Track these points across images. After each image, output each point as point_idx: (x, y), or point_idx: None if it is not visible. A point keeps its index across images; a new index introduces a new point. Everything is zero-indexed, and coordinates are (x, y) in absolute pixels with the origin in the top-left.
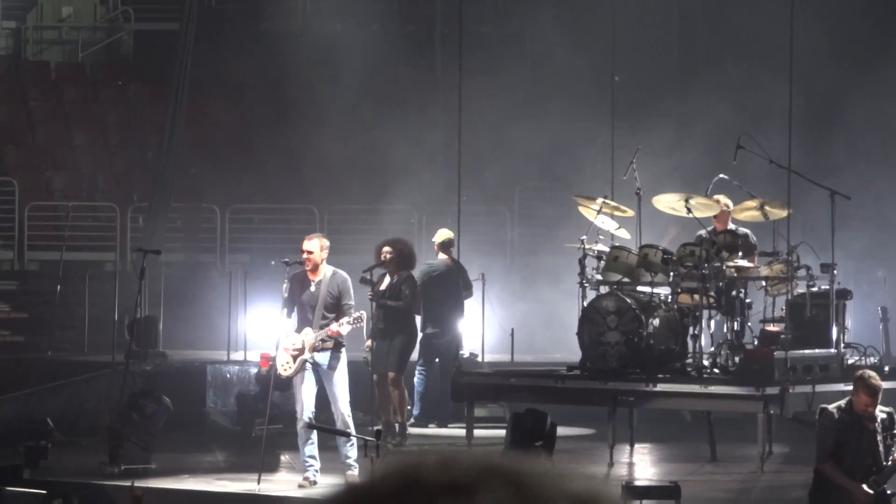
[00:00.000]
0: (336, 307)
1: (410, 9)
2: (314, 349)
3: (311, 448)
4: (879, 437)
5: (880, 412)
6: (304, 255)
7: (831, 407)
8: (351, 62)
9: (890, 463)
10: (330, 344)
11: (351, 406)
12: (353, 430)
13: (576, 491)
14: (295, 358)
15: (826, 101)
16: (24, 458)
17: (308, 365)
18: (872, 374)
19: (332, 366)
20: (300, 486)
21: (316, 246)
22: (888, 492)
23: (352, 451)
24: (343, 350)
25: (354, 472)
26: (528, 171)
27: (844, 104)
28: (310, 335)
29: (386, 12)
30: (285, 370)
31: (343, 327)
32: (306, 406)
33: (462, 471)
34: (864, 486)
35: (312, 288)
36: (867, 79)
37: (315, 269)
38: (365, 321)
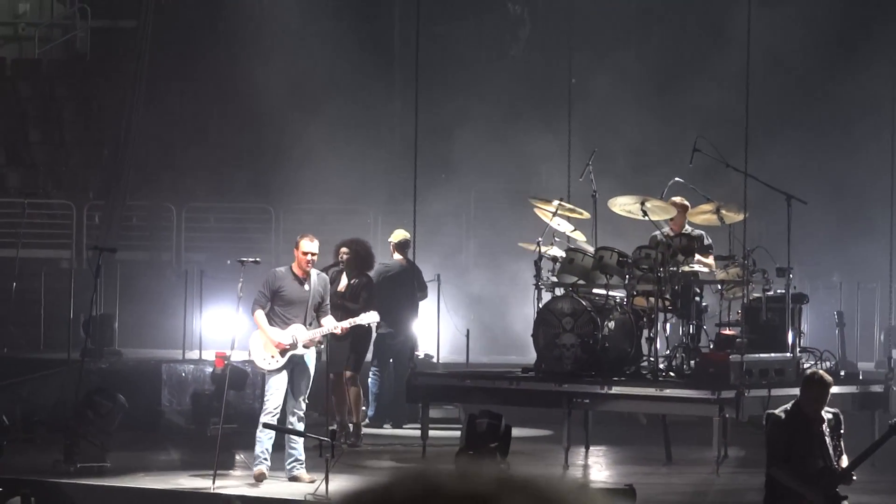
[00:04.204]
0: (319, 306)
1: (368, 8)
2: (307, 346)
3: (270, 442)
4: (828, 438)
5: (826, 413)
6: (309, 257)
7: (777, 411)
8: (307, 61)
9: (840, 467)
10: (315, 341)
11: (306, 405)
12: (303, 428)
13: None
14: (283, 352)
15: (783, 103)
16: None
17: (292, 361)
18: (821, 371)
19: (312, 364)
20: (256, 478)
21: (317, 247)
22: (841, 494)
23: (302, 448)
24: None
25: (303, 470)
26: (484, 173)
27: (801, 107)
28: (301, 331)
29: (343, 11)
30: (269, 364)
31: (356, 321)
32: (278, 401)
33: (482, 482)
34: (817, 489)
35: (307, 287)
36: (824, 81)
37: (310, 268)
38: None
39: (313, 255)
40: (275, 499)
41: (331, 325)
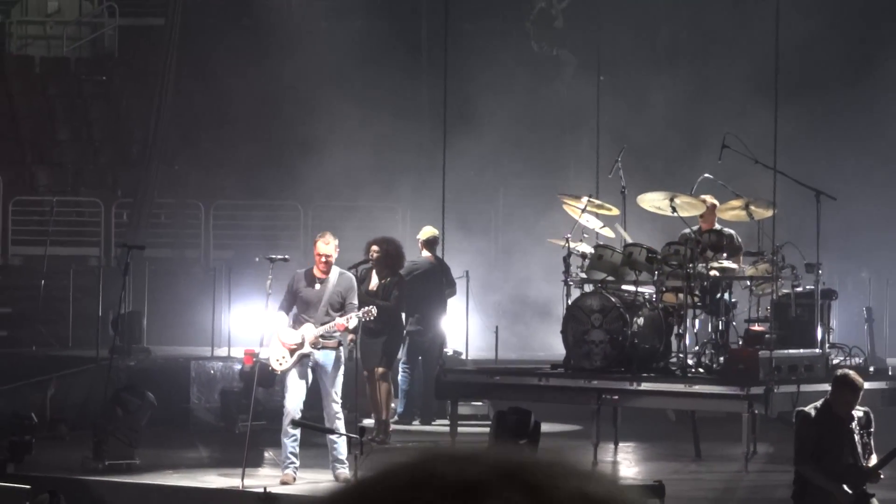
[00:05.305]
0: (341, 307)
1: (396, 6)
2: (314, 345)
3: (294, 444)
4: (857, 436)
5: (856, 411)
6: (324, 259)
7: (808, 408)
8: (335, 58)
9: (868, 465)
10: (333, 343)
11: (340, 402)
12: (342, 429)
13: (596, 494)
14: (293, 352)
15: (813, 100)
16: (7, 452)
17: (304, 361)
18: (853, 373)
19: (335, 365)
20: (282, 483)
21: (333, 248)
22: (868, 491)
23: (342, 448)
24: (342, 349)
25: (345, 471)
26: (513, 169)
27: (832, 104)
28: (310, 330)
29: (371, 9)
30: (281, 364)
31: (351, 321)
32: (296, 402)
33: (477, 470)
34: (845, 487)
35: (317, 286)
36: (855, 79)
37: (328, 268)
38: (373, 316)
39: (328, 256)
40: (295, 495)
41: (341, 320)
